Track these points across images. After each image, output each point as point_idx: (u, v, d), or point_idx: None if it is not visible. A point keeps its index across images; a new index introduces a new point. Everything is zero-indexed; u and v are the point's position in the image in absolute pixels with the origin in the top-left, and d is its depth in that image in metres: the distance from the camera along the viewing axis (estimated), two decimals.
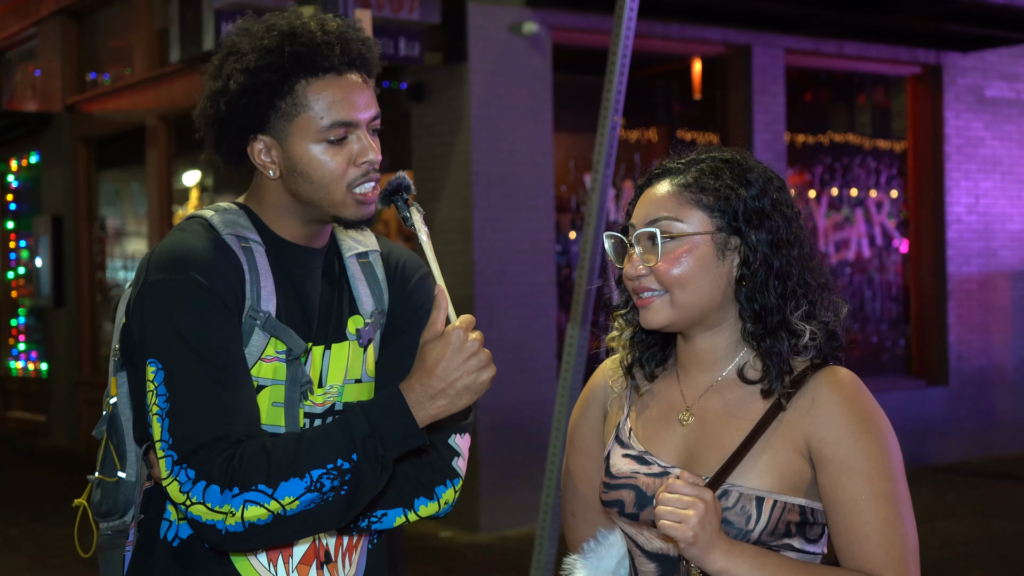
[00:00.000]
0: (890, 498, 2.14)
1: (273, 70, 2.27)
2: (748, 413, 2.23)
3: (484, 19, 9.59)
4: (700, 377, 2.32)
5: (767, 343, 2.22)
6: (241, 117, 2.31)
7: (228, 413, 2.18)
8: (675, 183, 2.27)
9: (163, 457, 2.18)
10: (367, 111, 2.34)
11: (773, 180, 2.29)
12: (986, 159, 12.67)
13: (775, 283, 2.22)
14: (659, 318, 2.25)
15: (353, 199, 2.33)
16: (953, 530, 8.58)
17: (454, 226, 9.74)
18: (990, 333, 12.69)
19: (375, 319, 2.46)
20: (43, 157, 15.53)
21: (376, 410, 2.20)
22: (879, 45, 11.84)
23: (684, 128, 11.33)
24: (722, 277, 2.24)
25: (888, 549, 2.13)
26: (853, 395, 2.18)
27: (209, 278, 2.24)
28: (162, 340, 2.21)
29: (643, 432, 2.33)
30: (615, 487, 2.30)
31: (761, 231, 2.23)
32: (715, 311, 2.26)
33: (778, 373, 2.21)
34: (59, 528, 9.32)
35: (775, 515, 2.15)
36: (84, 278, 14.64)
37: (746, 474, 2.17)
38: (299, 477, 2.15)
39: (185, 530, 2.33)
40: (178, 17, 10.93)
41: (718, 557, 2.09)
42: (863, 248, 12.34)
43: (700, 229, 2.23)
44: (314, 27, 2.30)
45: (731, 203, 2.23)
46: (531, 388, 9.65)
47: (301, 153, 2.30)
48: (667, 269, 2.22)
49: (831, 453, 2.15)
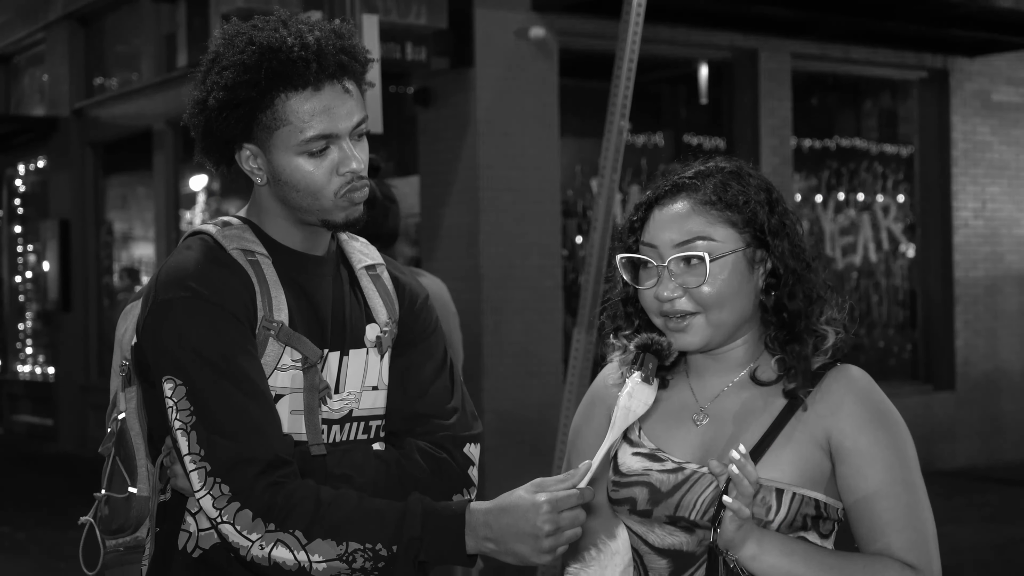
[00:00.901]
0: (910, 485, 2.19)
1: (251, 86, 2.28)
2: (764, 411, 2.25)
3: (491, 24, 9.59)
4: (713, 380, 2.33)
5: (795, 348, 2.25)
6: (224, 129, 2.32)
7: (258, 425, 2.19)
8: (696, 200, 2.26)
9: (195, 470, 2.18)
10: (348, 120, 2.32)
11: (773, 187, 2.32)
12: (993, 164, 12.66)
13: (800, 289, 2.26)
14: (697, 340, 2.25)
15: (341, 204, 2.33)
16: (960, 535, 8.56)
17: (460, 231, 9.74)
18: (997, 338, 12.67)
19: (390, 329, 2.47)
20: (50, 162, 15.56)
21: (435, 519, 2.18)
22: (886, 50, 11.84)
23: (690, 133, 11.34)
24: (752, 290, 2.26)
25: (911, 534, 2.17)
26: (868, 390, 2.24)
27: (217, 293, 2.25)
28: (178, 358, 2.21)
29: (654, 431, 2.34)
30: (626, 485, 2.31)
31: (784, 240, 2.26)
32: (745, 323, 2.28)
33: (803, 375, 2.23)
34: (66, 533, 9.30)
35: (794, 507, 2.18)
36: (91, 282, 14.67)
37: (769, 467, 2.19)
38: (336, 542, 2.15)
39: (206, 540, 2.32)
40: (185, 22, 10.98)
41: (752, 544, 2.11)
42: (870, 253, 12.33)
43: (733, 247, 2.24)
44: (292, 42, 2.29)
45: (757, 217, 2.25)
46: (537, 392, 9.65)
47: (284, 164, 2.31)
48: (708, 291, 2.22)
49: (852, 444, 2.19)
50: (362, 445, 2.41)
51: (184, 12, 12.53)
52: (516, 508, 2.15)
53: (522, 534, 2.13)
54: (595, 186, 8.01)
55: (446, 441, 2.44)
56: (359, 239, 2.57)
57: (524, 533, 2.13)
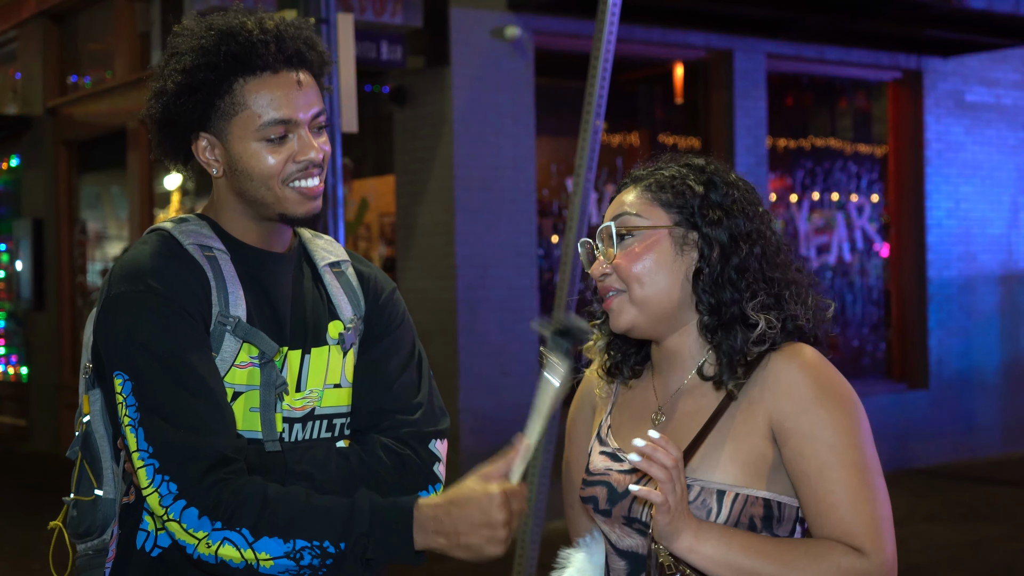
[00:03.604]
0: (857, 465, 2.13)
1: (210, 69, 2.28)
2: (705, 409, 2.24)
3: (466, 23, 9.59)
4: (672, 378, 2.33)
5: (719, 335, 2.24)
6: (182, 116, 2.32)
7: (205, 422, 2.17)
8: (640, 186, 2.32)
9: (143, 466, 2.16)
10: (307, 110, 2.32)
11: (738, 183, 2.32)
12: (966, 164, 12.72)
13: (733, 276, 2.24)
14: (623, 319, 2.27)
15: (294, 194, 2.31)
16: (934, 533, 8.60)
17: (436, 230, 9.73)
18: (970, 337, 12.74)
19: (355, 325, 2.45)
20: (24, 160, 15.48)
21: (383, 514, 2.17)
22: (860, 50, 11.88)
23: (666, 132, 11.35)
24: (680, 272, 2.26)
25: (856, 516, 2.11)
26: (813, 365, 2.19)
27: (170, 287, 2.23)
28: (127, 351, 2.20)
29: (619, 430, 2.36)
30: (591, 484, 2.33)
31: (719, 227, 2.25)
32: (677, 309, 2.27)
33: (729, 364, 2.22)
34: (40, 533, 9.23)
35: (736, 509, 2.15)
36: (65, 281, 14.59)
37: (709, 468, 2.17)
38: (283, 539, 2.13)
39: (164, 540, 2.31)
40: (159, 20, 10.93)
41: (688, 536, 2.08)
42: (844, 252, 12.37)
43: (656, 223, 2.26)
44: (252, 26, 2.30)
45: (687, 199, 2.27)
46: (512, 392, 9.65)
47: (241, 151, 2.30)
48: (625, 264, 2.25)
49: (793, 425, 2.15)
50: (325, 443, 2.39)
51: (158, 10, 12.48)
52: (469, 500, 2.15)
53: (477, 525, 2.13)
54: (571, 185, 8.02)
55: (410, 437, 2.43)
56: (323, 236, 2.56)
57: (479, 524, 2.13)
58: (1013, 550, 8.72)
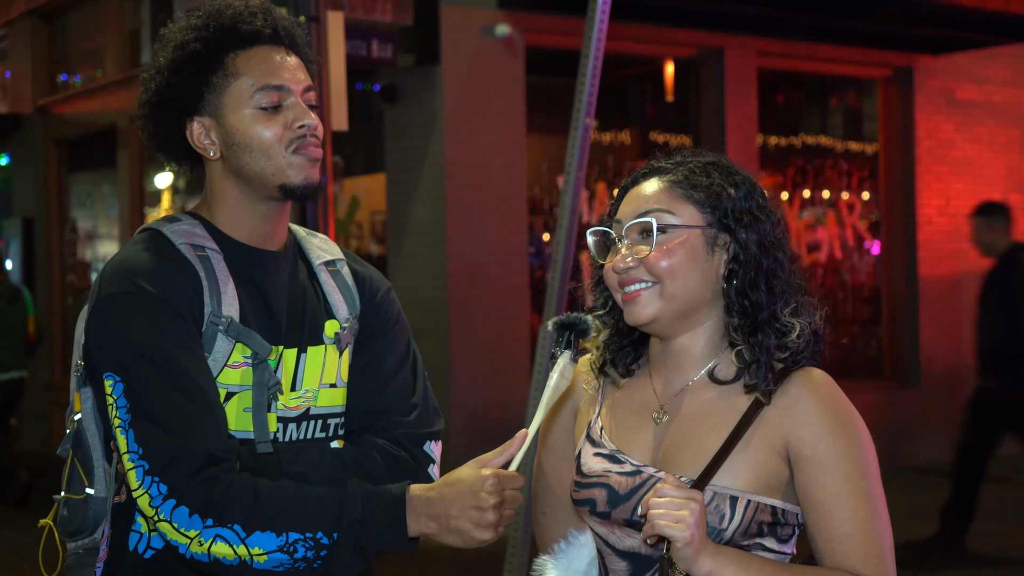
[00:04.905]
0: (868, 496, 2.17)
1: (200, 42, 2.31)
2: (724, 413, 2.24)
3: (457, 21, 9.59)
4: (675, 377, 2.33)
5: (757, 338, 2.24)
6: (175, 98, 2.33)
7: (195, 423, 2.17)
8: (665, 180, 2.30)
9: (133, 468, 2.16)
10: (298, 82, 2.36)
11: (757, 187, 2.33)
12: (957, 161, 12.73)
13: (765, 279, 2.26)
14: (647, 312, 2.26)
15: (294, 158, 2.33)
16: (924, 530, 8.61)
17: (427, 228, 9.73)
18: (961, 334, 12.74)
19: (350, 324, 2.45)
20: (14, 159, 15.45)
21: (375, 500, 2.17)
22: (850, 48, 11.89)
23: (656, 130, 11.36)
24: (710, 272, 2.27)
25: (867, 547, 2.15)
26: (830, 395, 2.21)
27: (161, 288, 2.23)
28: (117, 353, 2.20)
29: (615, 431, 2.34)
30: (587, 486, 2.31)
31: (751, 231, 2.27)
32: (699, 309, 2.28)
33: (765, 369, 2.23)
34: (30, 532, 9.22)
35: (748, 515, 2.17)
36: (55, 281, 14.57)
37: (723, 474, 2.18)
38: (276, 533, 2.13)
39: (157, 541, 2.30)
40: (149, 19, 10.92)
41: (706, 560, 2.09)
42: (835, 250, 12.38)
43: (691, 222, 2.26)
44: (239, 6, 2.36)
45: (721, 201, 2.27)
46: (504, 390, 9.65)
47: (236, 123, 2.32)
48: (659, 259, 2.24)
49: (811, 452, 2.17)
50: (319, 443, 2.39)
51: (148, 9, 12.46)
52: (461, 481, 2.16)
53: (467, 507, 2.13)
54: (561, 183, 8.02)
55: (405, 438, 2.43)
56: (318, 235, 2.56)
57: (469, 506, 2.13)
58: (1002, 546, 8.73)
